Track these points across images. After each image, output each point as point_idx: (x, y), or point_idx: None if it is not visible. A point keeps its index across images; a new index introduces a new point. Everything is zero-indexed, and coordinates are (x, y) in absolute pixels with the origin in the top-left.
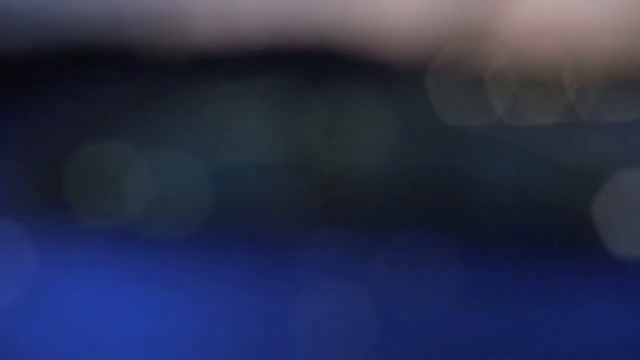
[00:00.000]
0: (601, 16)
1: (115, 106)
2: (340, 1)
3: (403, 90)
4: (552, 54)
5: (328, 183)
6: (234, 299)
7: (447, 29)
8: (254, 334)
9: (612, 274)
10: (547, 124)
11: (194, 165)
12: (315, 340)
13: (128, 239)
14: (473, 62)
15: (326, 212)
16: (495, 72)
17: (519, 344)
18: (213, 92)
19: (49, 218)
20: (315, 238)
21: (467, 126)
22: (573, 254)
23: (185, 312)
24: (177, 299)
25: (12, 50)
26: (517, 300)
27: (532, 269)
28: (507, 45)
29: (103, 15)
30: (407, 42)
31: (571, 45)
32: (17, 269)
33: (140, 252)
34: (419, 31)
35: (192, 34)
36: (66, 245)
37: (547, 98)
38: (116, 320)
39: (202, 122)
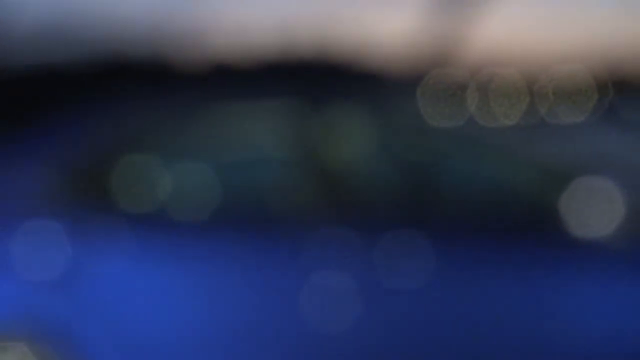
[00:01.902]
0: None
1: (144, 115)
2: (339, 24)
3: (393, 99)
4: (514, 73)
5: (328, 182)
6: (241, 282)
7: (432, 48)
8: (256, 309)
9: (575, 259)
10: (515, 127)
11: (208, 166)
12: (312, 321)
13: (156, 228)
14: (452, 77)
15: (326, 210)
16: (470, 84)
17: (506, 332)
18: (226, 100)
19: (91, 209)
20: (317, 231)
21: (448, 130)
22: (543, 241)
23: (195, 294)
24: (193, 279)
25: (48, 66)
26: (499, 290)
27: (505, 254)
28: (479, 64)
29: (134, 35)
30: (396, 58)
31: (530, 66)
32: (63, 251)
33: (167, 238)
34: (406, 50)
35: (206, 50)
36: (108, 231)
37: (513, 105)
38: (140, 293)
39: (217, 127)
